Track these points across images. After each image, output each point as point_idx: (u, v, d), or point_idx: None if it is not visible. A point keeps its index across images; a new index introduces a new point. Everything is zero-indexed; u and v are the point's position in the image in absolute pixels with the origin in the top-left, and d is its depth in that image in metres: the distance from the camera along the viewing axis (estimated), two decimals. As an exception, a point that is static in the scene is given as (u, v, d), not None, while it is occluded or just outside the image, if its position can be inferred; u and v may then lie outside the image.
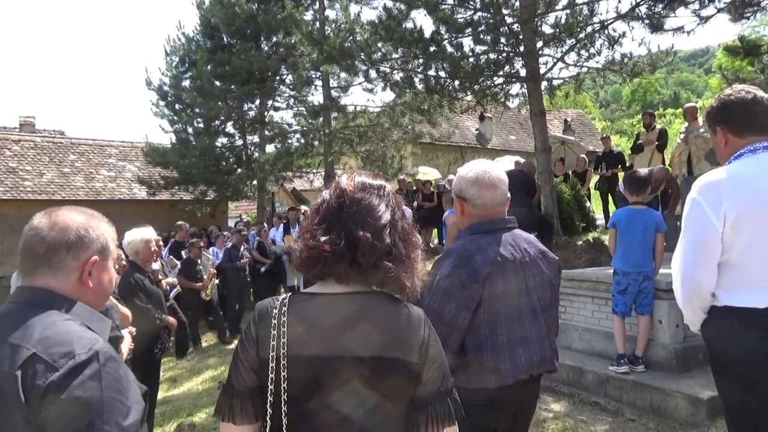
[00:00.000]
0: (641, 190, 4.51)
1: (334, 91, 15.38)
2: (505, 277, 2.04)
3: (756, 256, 1.99)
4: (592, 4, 9.18)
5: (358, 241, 1.25)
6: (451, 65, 9.53)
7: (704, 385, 3.93)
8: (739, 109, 2.14)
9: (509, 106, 12.60)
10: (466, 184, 2.16)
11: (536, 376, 2.16)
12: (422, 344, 1.28)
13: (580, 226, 10.38)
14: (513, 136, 24.68)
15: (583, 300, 5.14)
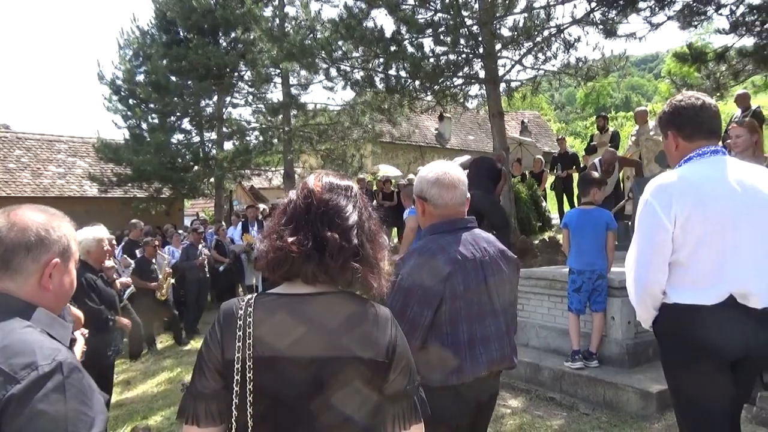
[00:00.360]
0: (586, 191, 4.65)
1: (293, 88, 15.25)
2: (465, 275, 2.07)
3: (703, 255, 2.07)
4: (549, 8, 9.39)
5: (326, 242, 1.25)
6: (412, 65, 9.59)
7: (654, 380, 4.09)
8: (689, 115, 2.23)
9: (468, 107, 12.76)
10: (426, 185, 2.19)
11: (496, 372, 2.20)
12: (390, 343, 1.28)
13: (537, 225, 10.61)
14: (471, 136, 25.01)
15: (540, 298, 5.26)
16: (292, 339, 1.23)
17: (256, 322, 1.24)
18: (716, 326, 2.07)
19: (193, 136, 16.75)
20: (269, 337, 1.23)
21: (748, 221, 2.06)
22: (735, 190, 2.08)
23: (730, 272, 2.06)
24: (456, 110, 13.56)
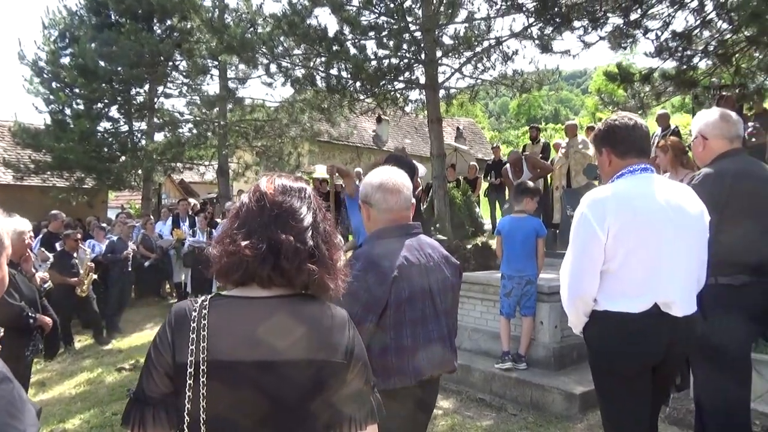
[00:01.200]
0: (518, 199, 4.85)
1: (231, 82, 14.89)
2: (410, 280, 2.11)
3: (633, 265, 2.21)
4: (489, 20, 9.66)
5: (280, 245, 1.24)
6: (354, 66, 9.60)
7: (578, 382, 4.30)
8: (623, 134, 2.37)
9: (407, 111, 12.92)
10: (371, 190, 2.21)
11: (437, 376, 2.25)
12: (347, 345, 1.29)
13: (470, 230, 10.87)
14: (408, 139, 25.28)
15: (473, 302, 5.40)
16: (247, 342, 1.21)
17: (210, 325, 1.21)
18: (642, 333, 2.20)
19: (121, 125, 15.98)
20: (224, 341, 1.20)
21: (673, 236, 2.21)
22: (663, 206, 2.22)
23: (656, 282, 2.20)
24: (395, 113, 13.69)
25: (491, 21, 9.82)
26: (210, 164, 17.15)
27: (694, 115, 9.33)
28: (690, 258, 2.27)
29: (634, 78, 7.77)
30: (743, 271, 2.65)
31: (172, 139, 14.65)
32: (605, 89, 10.64)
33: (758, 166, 2.87)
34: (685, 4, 7.65)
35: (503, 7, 9.30)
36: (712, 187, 2.63)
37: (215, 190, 18.79)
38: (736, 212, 2.61)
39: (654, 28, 7.66)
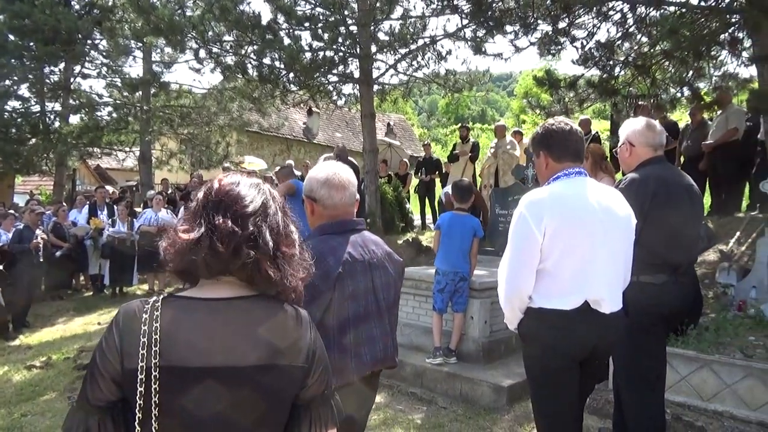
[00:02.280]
0: (466, 197, 4.95)
1: (156, 65, 14.26)
2: (354, 277, 2.10)
3: (567, 265, 2.30)
4: (424, 19, 9.77)
5: (215, 228, 1.19)
6: (288, 57, 9.44)
7: (506, 375, 4.45)
8: (559, 138, 2.46)
9: (339, 104, 12.86)
10: (316, 185, 2.18)
11: (377, 371, 2.26)
12: (309, 347, 1.25)
13: (400, 226, 10.98)
14: (339, 133, 25.19)
15: (406, 297, 5.45)
16: (203, 346, 1.15)
17: (163, 328, 1.14)
18: (573, 329, 2.30)
19: (32, 104, 14.91)
20: (178, 345, 1.14)
21: (603, 237, 2.32)
22: (594, 208, 2.33)
23: (587, 281, 2.30)
24: (327, 106, 13.59)
25: (426, 20, 9.95)
26: (131, 150, 16.35)
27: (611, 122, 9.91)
28: (618, 258, 2.40)
29: (560, 84, 8.11)
30: (663, 270, 2.83)
31: (90, 122, 13.82)
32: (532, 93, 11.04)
33: (678, 174, 3.08)
34: (609, 17, 8.07)
35: (439, 7, 9.43)
36: (637, 191, 2.79)
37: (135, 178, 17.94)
38: (657, 216, 2.78)
39: (580, 37, 8.03)
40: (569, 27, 8.12)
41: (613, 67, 8.19)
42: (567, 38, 7.93)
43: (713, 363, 3.55)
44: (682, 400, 3.62)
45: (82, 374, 5.78)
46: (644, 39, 8.21)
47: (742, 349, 3.69)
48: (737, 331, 4.11)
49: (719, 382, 3.51)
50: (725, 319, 4.38)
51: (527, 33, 8.09)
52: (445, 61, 10.30)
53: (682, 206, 2.87)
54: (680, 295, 2.92)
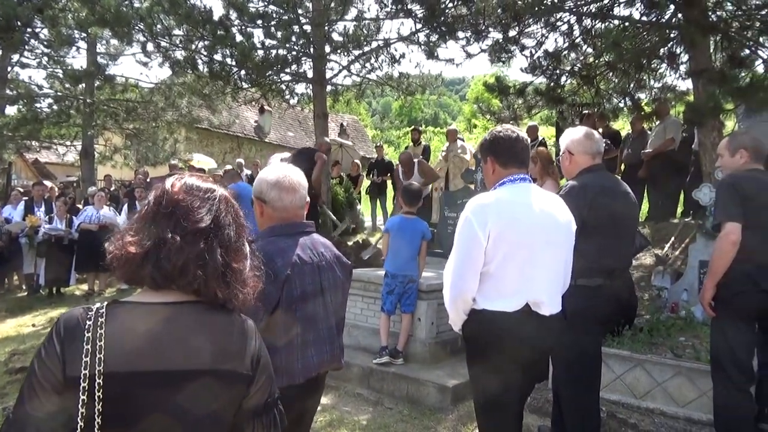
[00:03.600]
0: (414, 201, 5.01)
1: (100, 57, 13.76)
2: (303, 279, 2.11)
3: (509, 268, 2.37)
4: (378, 21, 9.82)
5: (164, 243, 1.18)
6: (240, 54, 9.32)
7: (450, 375, 4.53)
8: (506, 145, 2.54)
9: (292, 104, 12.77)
10: (266, 187, 2.18)
11: (323, 373, 2.27)
12: (254, 355, 1.26)
13: (351, 227, 10.98)
14: (291, 132, 24.98)
15: (354, 298, 5.47)
16: (147, 352, 1.14)
17: (107, 334, 1.12)
18: (515, 330, 2.38)
19: (-36, 93, 14.12)
20: (122, 351, 1.12)
21: (545, 241, 2.41)
22: (537, 214, 2.41)
23: (528, 284, 2.38)
24: (279, 105, 13.45)
25: (381, 22, 10.01)
26: (72, 145, 15.70)
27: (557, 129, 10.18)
28: (558, 262, 2.50)
29: (509, 90, 8.32)
30: (599, 274, 2.97)
31: (28, 114, 13.18)
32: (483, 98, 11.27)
33: (615, 182, 3.22)
34: (557, 27, 8.34)
35: (393, 10, 9.50)
36: (577, 198, 2.91)
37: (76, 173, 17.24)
38: (595, 222, 2.91)
39: (529, 46, 8.26)
40: (519, 36, 8.34)
41: (559, 76, 8.47)
42: (516, 46, 8.15)
43: (646, 362, 3.72)
44: (617, 398, 3.78)
45: (13, 379, 5.54)
46: (589, 50, 8.53)
47: (673, 349, 3.88)
48: (669, 332, 4.32)
49: (651, 380, 3.68)
50: (659, 321, 4.59)
51: (478, 40, 8.26)
52: (398, 63, 10.40)
53: (619, 213, 3.01)
54: (615, 298, 3.06)
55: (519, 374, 2.48)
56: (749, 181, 3.06)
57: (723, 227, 3.00)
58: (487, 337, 2.44)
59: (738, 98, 6.42)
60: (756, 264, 2.98)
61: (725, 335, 3.10)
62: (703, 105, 6.50)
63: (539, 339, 2.45)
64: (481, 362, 2.53)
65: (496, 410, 2.52)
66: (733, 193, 3.02)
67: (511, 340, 2.39)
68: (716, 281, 3.04)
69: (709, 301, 3.09)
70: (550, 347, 2.65)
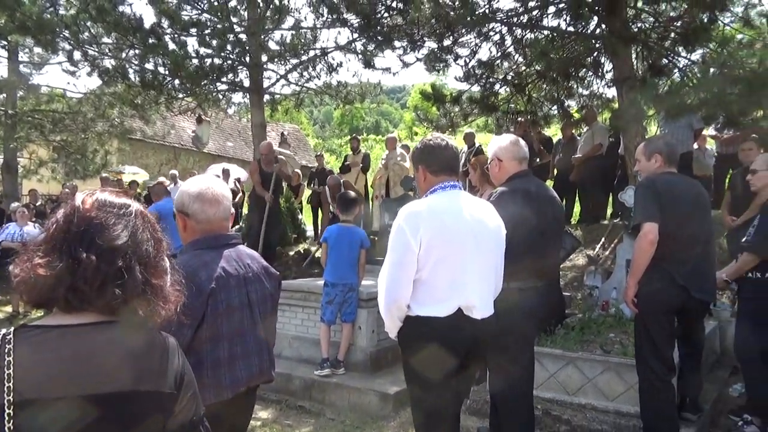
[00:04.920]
0: (351, 209, 5.01)
1: (23, 66, 13.08)
2: (228, 292, 2.06)
3: (441, 274, 2.41)
4: (315, 30, 9.81)
5: (79, 264, 1.13)
6: (173, 63, 9.08)
7: (392, 382, 4.54)
8: (436, 154, 2.59)
9: (230, 113, 12.54)
10: (188, 199, 2.13)
11: (254, 387, 2.22)
12: (177, 373, 1.21)
13: (292, 237, 10.87)
14: (230, 143, 24.51)
15: (295, 309, 5.41)
16: (61, 377, 1.07)
17: (16, 361, 1.05)
18: (448, 334, 2.41)
19: None
20: (34, 377, 1.05)
21: (475, 247, 2.46)
22: (467, 220, 2.46)
23: (460, 289, 2.42)
24: (216, 115, 13.20)
25: (318, 31, 10.00)
26: (-7, 158, 14.82)
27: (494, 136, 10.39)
28: (489, 267, 2.55)
29: (445, 99, 8.48)
30: (529, 277, 3.05)
31: (-57, 127, 12.39)
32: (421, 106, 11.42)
33: (542, 186, 3.34)
34: (490, 37, 8.57)
35: (329, 20, 9.52)
36: (507, 204, 2.99)
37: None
38: (524, 226, 2.99)
39: (463, 55, 8.44)
40: (453, 45, 8.51)
41: (493, 85, 8.70)
42: (451, 56, 8.31)
43: (577, 360, 3.85)
44: (551, 395, 3.89)
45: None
46: (521, 59, 8.80)
47: (603, 345, 4.04)
48: (600, 329, 4.49)
49: (582, 376, 3.82)
50: (590, 319, 4.77)
51: (414, 49, 8.38)
52: (336, 72, 10.41)
53: (546, 216, 3.11)
54: (545, 299, 3.15)
55: (454, 378, 2.52)
56: (664, 184, 3.24)
57: (642, 227, 3.16)
58: (421, 343, 2.46)
59: (657, 105, 6.79)
60: (672, 261, 3.15)
61: (647, 330, 3.26)
62: (626, 111, 6.84)
63: (472, 342, 2.49)
64: (416, 368, 2.54)
65: (432, 415, 2.55)
66: (649, 194, 3.19)
67: (444, 344, 2.42)
68: (638, 279, 3.19)
69: (632, 297, 3.24)
70: (484, 350, 2.70)
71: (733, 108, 6.42)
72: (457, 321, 2.41)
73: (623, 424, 3.59)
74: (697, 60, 7.61)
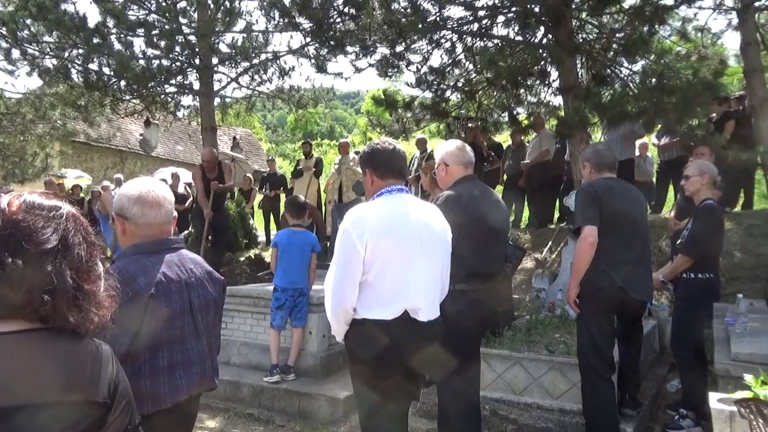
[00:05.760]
0: (300, 213, 4.98)
1: (-45, 64, 12.40)
2: (169, 298, 2.01)
3: (387, 277, 2.42)
4: (267, 34, 9.73)
5: (3, 270, 1.08)
6: (118, 63, 8.81)
7: (342, 387, 4.53)
8: (383, 157, 2.61)
9: (179, 116, 12.26)
10: (127, 203, 2.07)
11: (196, 395, 2.18)
12: (111, 381, 1.18)
13: (243, 242, 10.71)
14: (180, 146, 23.97)
15: (244, 315, 5.33)
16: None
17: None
18: (394, 337, 2.42)
19: None
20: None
21: (421, 250, 2.48)
22: (413, 223, 2.49)
23: (406, 292, 2.44)
24: (166, 118, 12.88)
25: (269, 35, 9.92)
26: None
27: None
28: (435, 269, 2.58)
29: (397, 104, 8.55)
30: (476, 279, 3.10)
31: None
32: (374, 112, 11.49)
33: (487, 191, 3.41)
34: (441, 44, 8.69)
35: (281, 23, 9.44)
36: (453, 207, 3.04)
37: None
38: (470, 229, 3.05)
39: (415, 62, 8.54)
40: (405, 51, 8.59)
41: (444, 91, 8.82)
42: (403, 62, 8.39)
43: (523, 360, 3.94)
44: (499, 395, 3.96)
45: None
46: (471, 67, 8.97)
47: (548, 345, 4.15)
48: (546, 330, 4.61)
49: (528, 376, 3.91)
50: (537, 320, 4.89)
51: (366, 54, 8.41)
52: (288, 76, 10.32)
53: (491, 220, 3.18)
54: (492, 300, 3.21)
55: (401, 380, 2.53)
56: (603, 188, 3.37)
57: (582, 230, 3.27)
58: (367, 346, 2.46)
59: (600, 113, 7.04)
60: (611, 263, 3.27)
61: (588, 329, 3.37)
62: (571, 119, 7.06)
63: (418, 344, 2.51)
64: (364, 371, 2.55)
65: (379, 418, 2.55)
66: (589, 199, 3.31)
67: (391, 347, 2.42)
68: (579, 280, 3.29)
69: (574, 298, 3.34)
70: (431, 352, 2.73)
71: (670, 116, 6.73)
72: (403, 323, 2.43)
73: (567, 421, 3.69)
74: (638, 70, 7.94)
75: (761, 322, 3.75)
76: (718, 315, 4.32)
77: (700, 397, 3.83)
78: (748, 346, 3.58)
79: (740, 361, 3.44)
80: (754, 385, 1.89)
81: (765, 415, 1.78)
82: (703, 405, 3.75)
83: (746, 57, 7.90)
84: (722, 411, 1.98)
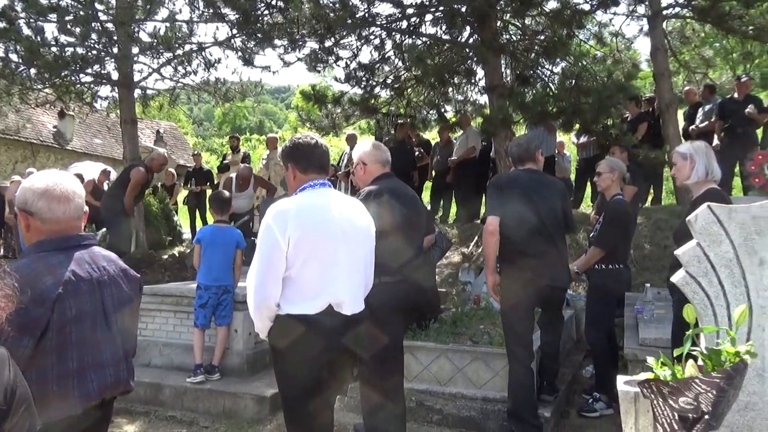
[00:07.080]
0: (225, 209, 4.87)
1: None
2: (79, 298, 1.92)
3: (310, 271, 2.41)
4: (191, 24, 9.41)
5: None
6: (27, 50, 8.28)
7: (269, 385, 4.46)
8: (305, 152, 2.59)
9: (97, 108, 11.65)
10: (32, 197, 1.95)
11: (109, 399, 2.09)
12: (8, 386, 1.11)
13: (167, 239, 10.35)
14: (98, 139, 22.77)
15: (166, 315, 5.15)
16: None
17: None
18: (318, 331, 2.42)
19: None
20: None
21: (345, 244, 2.49)
22: (336, 217, 2.49)
23: (330, 286, 2.44)
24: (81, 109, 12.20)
25: (194, 25, 9.59)
26: None
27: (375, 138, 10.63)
28: (358, 263, 2.59)
29: (326, 100, 8.51)
30: (398, 271, 3.16)
31: None
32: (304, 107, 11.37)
33: (404, 187, 3.50)
34: (370, 41, 8.73)
35: (206, 14, 9.17)
36: (373, 202, 3.08)
37: None
38: (391, 223, 3.10)
39: (344, 57, 8.54)
40: (335, 46, 8.57)
41: (373, 88, 8.87)
42: (332, 57, 8.36)
43: (448, 351, 4.04)
44: (425, 387, 4.04)
45: None
46: (400, 64, 9.07)
47: (472, 337, 4.27)
48: (471, 322, 4.74)
49: (453, 367, 4.01)
50: (463, 312, 5.02)
51: (295, 48, 8.33)
52: (214, 69, 10.03)
53: (409, 214, 3.27)
54: (415, 291, 3.28)
55: (325, 375, 2.53)
56: (509, 180, 3.57)
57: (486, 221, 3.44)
58: (291, 341, 2.44)
59: (523, 112, 7.31)
60: (523, 253, 3.44)
61: (510, 321, 3.50)
62: (495, 117, 7.29)
63: (343, 338, 2.51)
64: (288, 368, 2.52)
65: (303, 413, 2.54)
66: (493, 191, 3.55)
67: (315, 341, 2.42)
68: (491, 268, 3.52)
69: (491, 286, 3.50)
70: (356, 345, 2.75)
71: (586, 116, 7.09)
72: (328, 317, 2.43)
73: (489, 409, 3.81)
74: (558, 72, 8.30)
75: (666, 309, 4.03)
76: (629, 303, 4.62)
77: (611, 381, 4.08)
78: (654, 332, 3.86)
79: (647, 346, 3.70)
80: (655, 367, 2.02)
81: (664, 394, 1.91)
82: (614, 388, 3.99)
83: (655, 61, 8.43)
84: (627, 392, 2.10)
